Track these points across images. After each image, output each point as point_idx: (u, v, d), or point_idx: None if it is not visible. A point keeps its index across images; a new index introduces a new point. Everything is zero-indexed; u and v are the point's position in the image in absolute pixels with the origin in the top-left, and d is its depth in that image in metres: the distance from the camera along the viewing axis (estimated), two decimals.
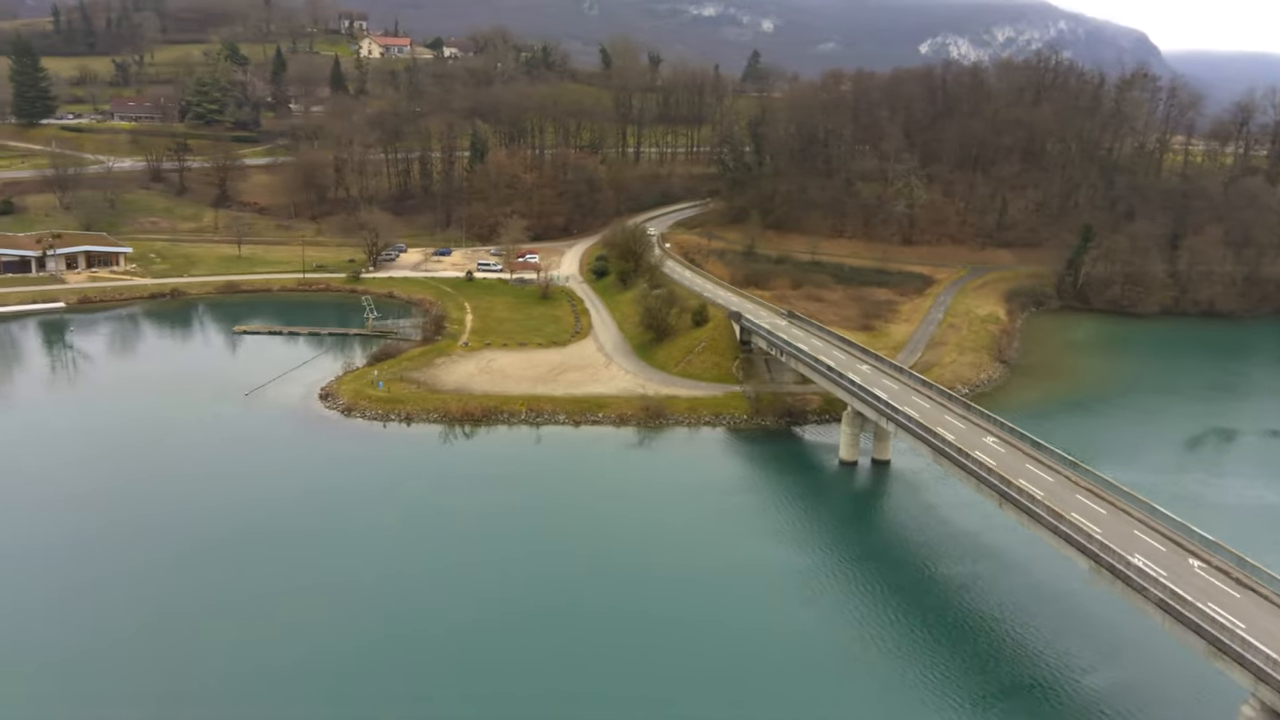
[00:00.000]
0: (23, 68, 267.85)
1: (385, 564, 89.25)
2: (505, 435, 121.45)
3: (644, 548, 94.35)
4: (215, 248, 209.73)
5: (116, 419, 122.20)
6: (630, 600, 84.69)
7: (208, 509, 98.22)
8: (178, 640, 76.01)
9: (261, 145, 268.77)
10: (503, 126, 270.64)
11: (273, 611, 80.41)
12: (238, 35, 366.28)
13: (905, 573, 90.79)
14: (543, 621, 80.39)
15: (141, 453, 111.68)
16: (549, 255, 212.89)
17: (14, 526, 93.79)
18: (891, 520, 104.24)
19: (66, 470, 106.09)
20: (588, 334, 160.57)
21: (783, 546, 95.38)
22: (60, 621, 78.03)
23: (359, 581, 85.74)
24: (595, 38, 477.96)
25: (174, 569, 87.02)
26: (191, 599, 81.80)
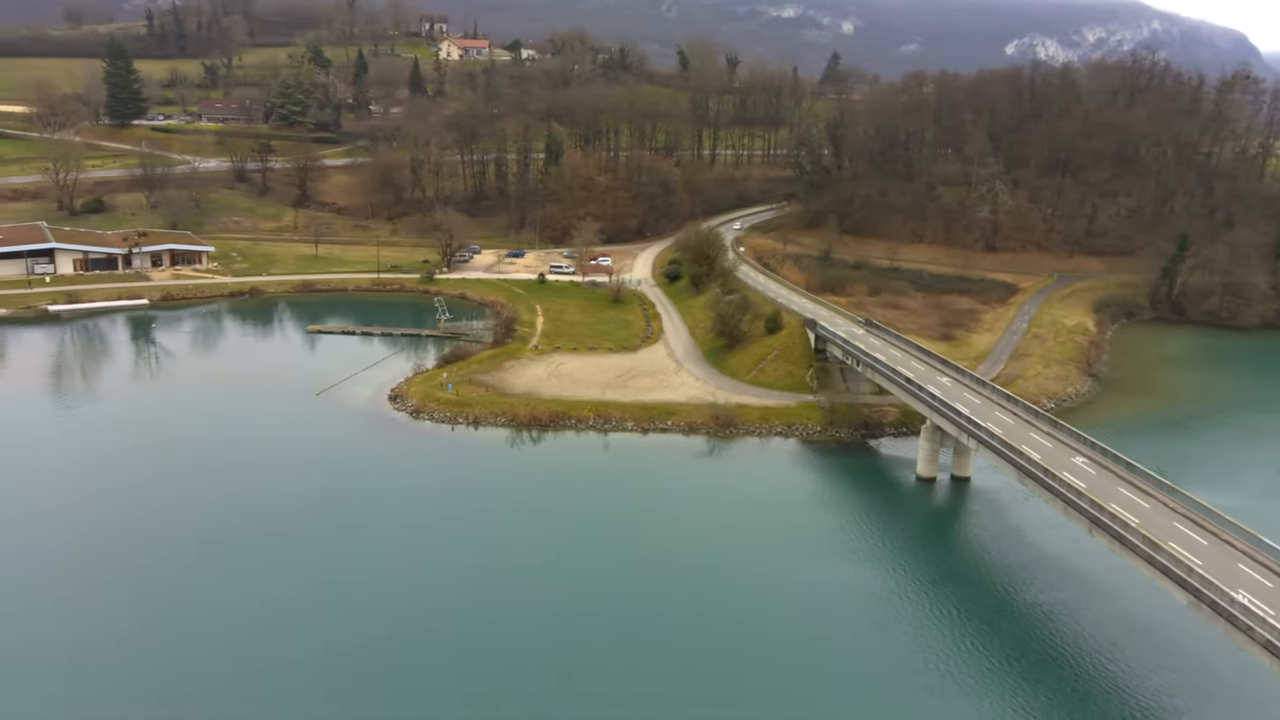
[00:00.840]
0: (116, 70, 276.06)
1: (443, 566, 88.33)
2: (572, 441, 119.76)
3: (709, 560, 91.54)
4: (294, 247, 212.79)
5: (190, 414, 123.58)
6: (692, 612, 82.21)
7: (267, 505, 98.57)
8: (234, 632, 75.84)
9: (341, 146, 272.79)
10: (578, 128, 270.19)
11: (328, 609, 79.75)
12: (322, 38, 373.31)
13: (985, 598, 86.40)
14: (601, 628, 78.64)
15: (210, 449, 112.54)
16: (621, 258, 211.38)
17: (76, 513, 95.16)
18: (971, 541, 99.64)
19: (134, 460, 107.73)
20: (658, 339, 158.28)
21: (855, 565, 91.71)
22: (119, 608, 78.50)
23: (414, 581, 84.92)
24: (673, 40, 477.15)
25: (225, 563, 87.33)
26: (243, 593, 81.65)
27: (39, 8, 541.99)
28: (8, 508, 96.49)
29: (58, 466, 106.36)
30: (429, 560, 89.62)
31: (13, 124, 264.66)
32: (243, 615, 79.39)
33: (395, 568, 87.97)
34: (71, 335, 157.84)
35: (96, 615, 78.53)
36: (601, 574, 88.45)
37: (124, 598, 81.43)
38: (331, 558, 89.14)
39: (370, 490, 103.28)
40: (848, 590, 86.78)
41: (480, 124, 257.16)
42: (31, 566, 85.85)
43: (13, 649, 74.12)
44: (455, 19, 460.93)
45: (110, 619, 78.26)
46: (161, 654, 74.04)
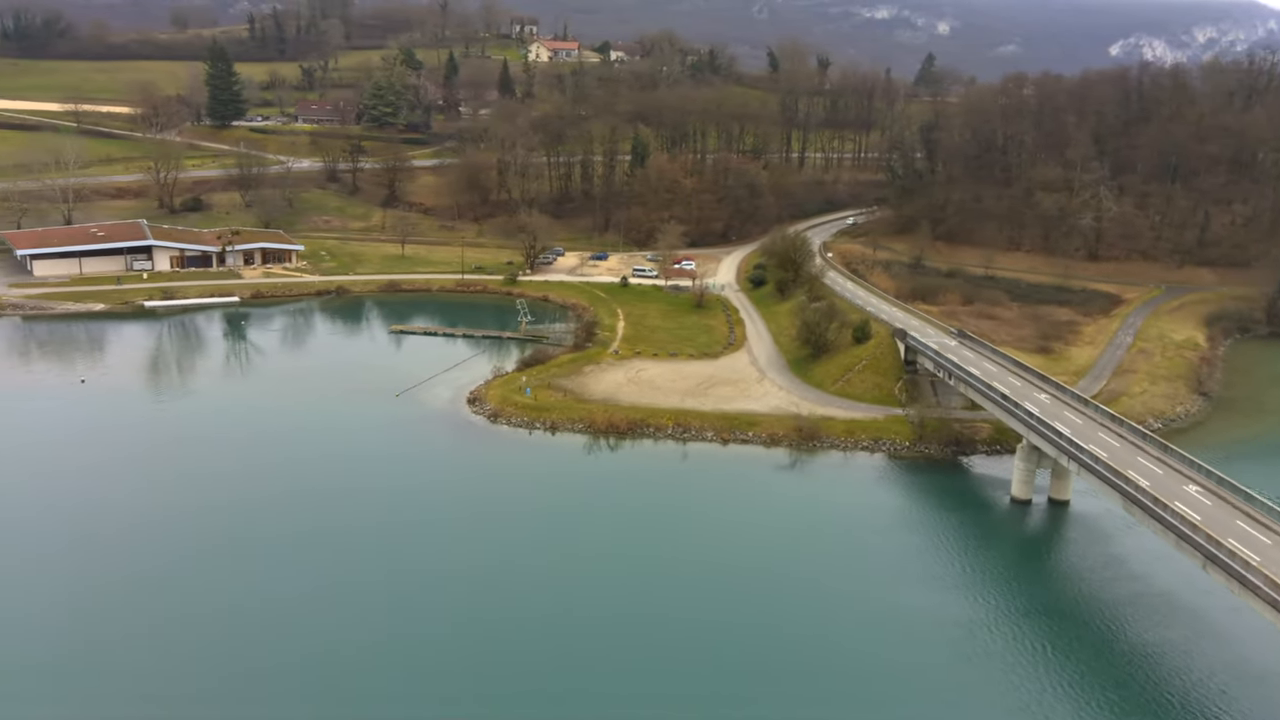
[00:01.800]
0: (218, 73, 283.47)
1: (514, 571, 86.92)
2: (650, 450, 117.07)
3: (787, 577, 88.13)
4: (381, 247, 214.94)
5: (272, 413, 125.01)
6: (769, 630, 79.19)
7: (339, 505, 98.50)
8: (298, 626, 75.29)
9: (430, 147, 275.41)
10: (665, 130, 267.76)
11: (397, 610, 78.70)
12: (415, 41, 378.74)
13: (1082, 634, 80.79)
14: (672, 641, 76.29)
15: (289, 448, 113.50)
16: (706, 262, 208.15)
17: (152, 503, 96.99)
18: (1068, 571, 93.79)
19: (214, 457, 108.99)
20: (741, 346, 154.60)
21: (941, 590, 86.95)
22: (196, 597, 78.74)
23: (485, 585, 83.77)
24: (763, 41, 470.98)
25: (293, 558, 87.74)
26: (308, 590, 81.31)
27: (149, 12, 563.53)
28: (102, 494, 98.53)
29: (143, 458, 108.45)
30: (500, 565, 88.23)
31: (120, 124, 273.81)
32: (307, 611, 79.36)
33: (466, 572, 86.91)
34: (165, 331, 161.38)
35: (171, 603, 78.96)
36: (675, 587, 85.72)
37: (196, 587, 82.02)
38: (399, 560, 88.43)
39: (443, 495, 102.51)
40: (933, 618, 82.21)
41: (567, 126, 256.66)
42: (112, 553, 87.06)
43: (112, 628, 75.33)
44: (545, 21, 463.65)
45: (190, 606, 78.96)
46: (237, 643, 74.46)
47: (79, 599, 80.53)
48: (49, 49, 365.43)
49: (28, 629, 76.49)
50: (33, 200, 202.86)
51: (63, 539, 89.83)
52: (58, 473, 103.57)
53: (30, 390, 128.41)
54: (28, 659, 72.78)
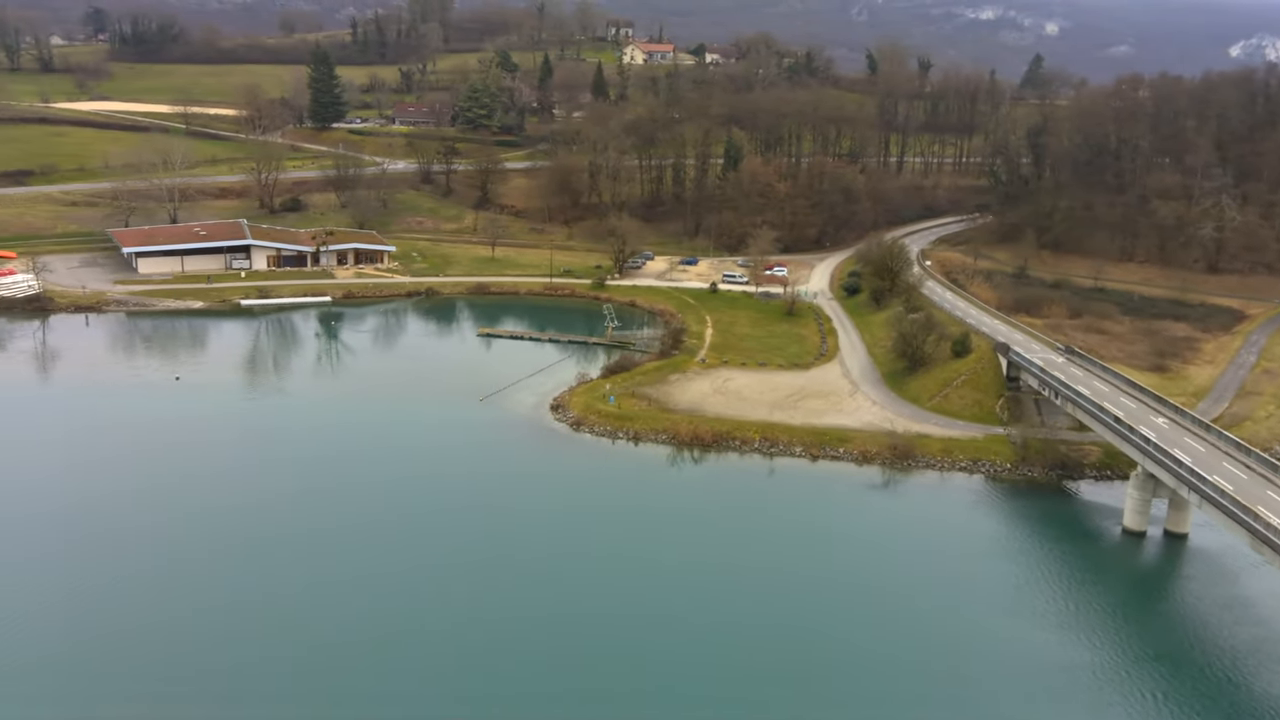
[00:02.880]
0: (320, 76, 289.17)
1: (590, 586, 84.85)
2: (735, 464, 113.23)
3: (878, 605, 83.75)
4: (471, 249, 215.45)
5: (356, 412, 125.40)
6: (858, 658, 75.45)
7: (416, 510, 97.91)
8: (377, 632, 73.86)
9: (523, 150, 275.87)
10: (759, 134, 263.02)
11: (472, 619, 76.71)
12: (511, 44, 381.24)
13: (1201, 683, 74.39)
14: (761, 669, 72.11)
15: (372, 450, 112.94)
16: (798, 269, 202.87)
17: (231, 499, 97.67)
18: (1186, 611, 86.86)
19: (296, 457, 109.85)
20: (833, 357, 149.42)
21: (1044, 628, 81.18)
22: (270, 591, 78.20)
23: (561, 596, 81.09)
24: (862, 43, 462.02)
25: (355, 560, 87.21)
26: (382, 595, 79.71)
27: (259, 17, 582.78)
28: (189, 489, 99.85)
29: (228, 455, 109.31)
30: (580, 578, 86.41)
31: (226, 126, 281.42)
32: (381, 611, 78.64)
33: (546, 582, 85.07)
34: (260, 329, 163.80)
35: (245, 592, 78.66)
36: (758, 605, 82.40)
37: (275, 580, 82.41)
38: (474, 567, 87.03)
39: (522, 503, 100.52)
40: (1035, 657, 76.78)
41: (660, 128, 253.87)
42: (191, 546, 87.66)
43: (202, 619, 75.49)
44: (641, 24, 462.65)
45: (265, 598, 78.95)
46: (315, 636, 74.20)
47: (180, 588, 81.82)
48: (163, 53, 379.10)
49: (125, 616, 77.64)
50: (141, 199, 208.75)
51: (155, 532, 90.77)
52: (149, 467, 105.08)
53: (128, 386, 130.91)
54: (136, 646, 73.56)
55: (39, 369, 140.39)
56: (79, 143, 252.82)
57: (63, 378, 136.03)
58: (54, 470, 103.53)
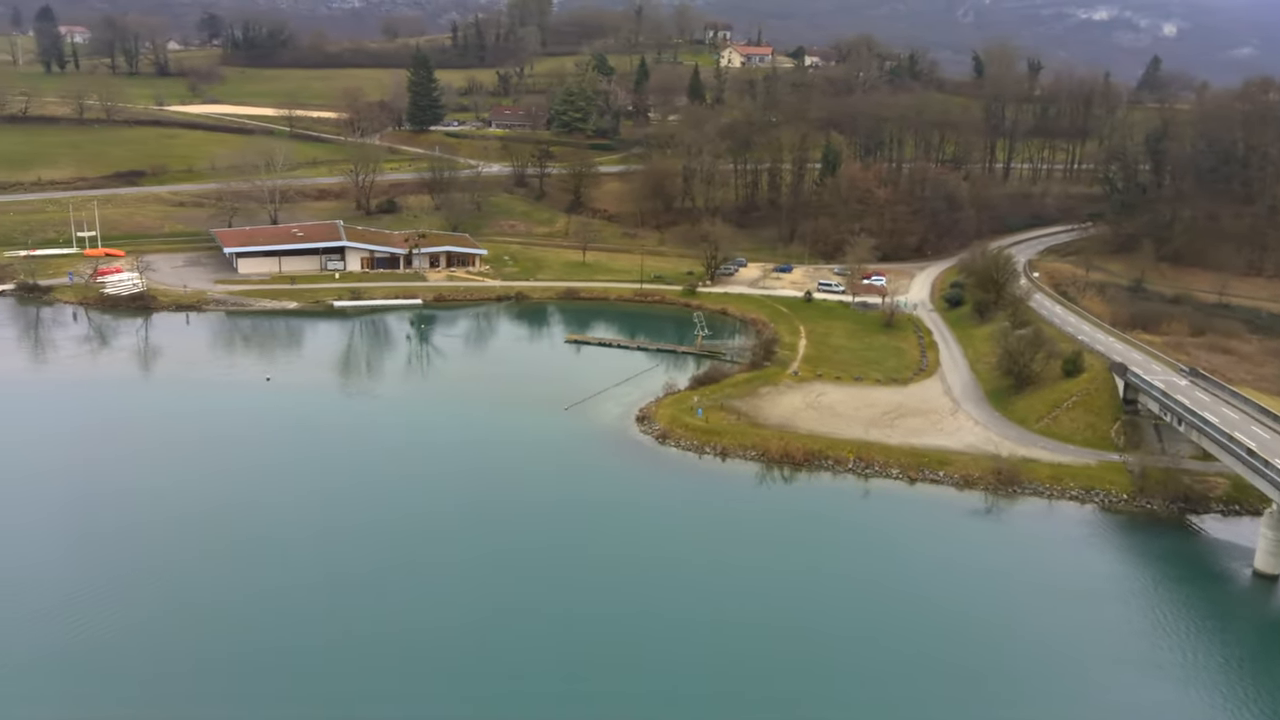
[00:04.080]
0: (419, 79, 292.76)
1: (668, 608, 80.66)
2: (827, 485, 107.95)
3: (977, 639, 78.33)
4: (563, 253, 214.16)
5: (440, 417, 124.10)
6: (952, 699, 69.71)
7: (488, 519, 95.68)
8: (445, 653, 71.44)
9: (617, 153, 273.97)
10: (859, 138, 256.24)
11: (549, 636, 73.67)
12: (609, 47, 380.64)
13: None
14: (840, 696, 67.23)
15: (449, 454, 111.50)
16: (897, 278, 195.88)
17: (309, 502, 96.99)
18: None
19: (381, 460, 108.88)
20: (934, 372, 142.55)
21: (1161, 683, 74.13)
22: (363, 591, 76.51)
23: (640, 613, 77.49)
24: (968, 45, 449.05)
25: (408, 569, 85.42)
26: (453, 608, 77.21)
27: (365, 22, 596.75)
28: (263, 486, 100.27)
29: (312, 458, 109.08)
30: (659, 599, 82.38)
31: (328, 129, 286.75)
32: (453, 626, 75.88)
33: (621, 600, 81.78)
34: (351, 331, 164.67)
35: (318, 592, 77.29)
36: (852, 639, 77.17)
37: (349, 585, 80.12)
38: (550, 581, 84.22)
39: (600, 519, 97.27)
40: (1151, 715, 69.84)
41: (756, 132, 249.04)
42: (275, 544, 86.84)
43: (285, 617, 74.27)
44: (740, 27, 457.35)
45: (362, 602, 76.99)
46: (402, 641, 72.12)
47: (257, 583, 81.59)
48: (272, 58, 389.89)
49: (202, 609, 77.30)
50: (243, 200, 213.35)
51: (230, 530, 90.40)
52: (229, 466, 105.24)
53: (220, 385, 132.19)
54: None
55: (139, 366, 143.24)
56: (189, 144, 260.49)
57: (158, 375, 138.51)
58: (140, 464, 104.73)
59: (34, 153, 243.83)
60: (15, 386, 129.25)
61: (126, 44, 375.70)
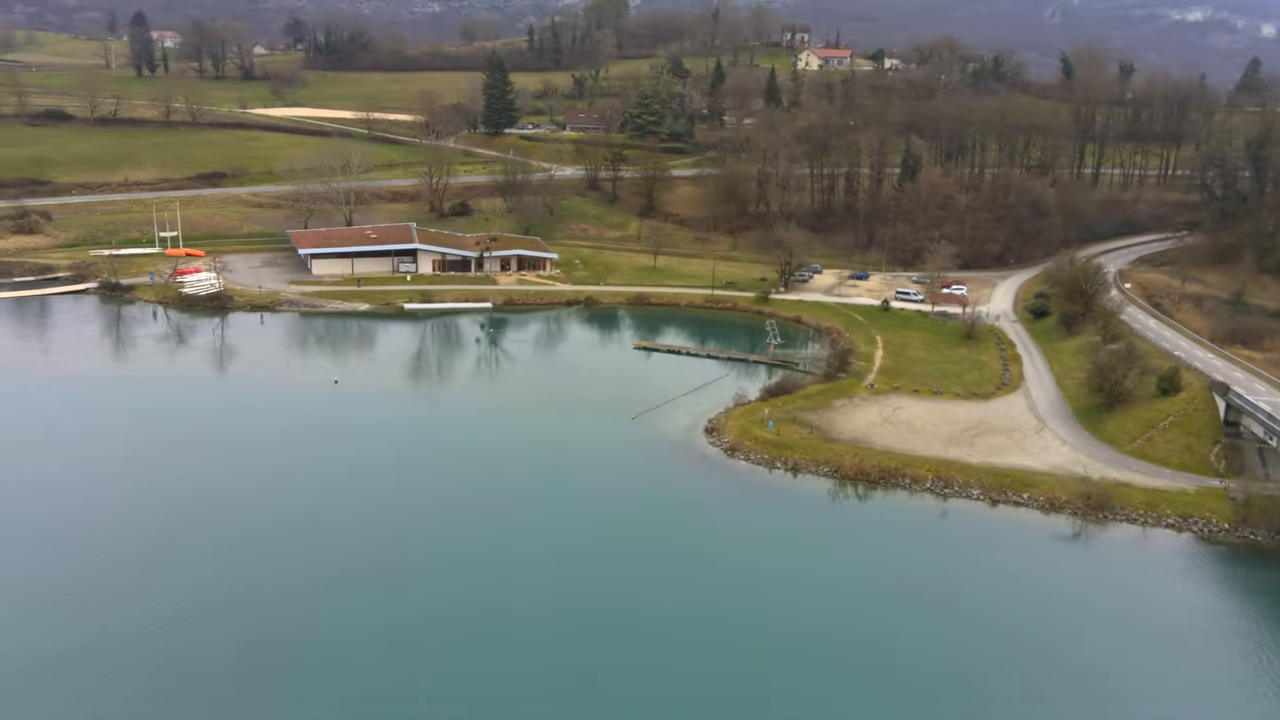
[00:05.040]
0: (494, 82, 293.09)
1: (730, 632, 77.28)
2: (903, 504, 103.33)
3: (1063, 675, 74.07)
4: (634, 257, 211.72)
5: (506, 424, 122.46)
6: None
7: (550, 530, 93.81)
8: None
9: (691, 157, 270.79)
10: (940, 143, 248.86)
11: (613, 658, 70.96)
12: (685, 50, 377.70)
13: None
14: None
15: (513, 463, 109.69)
16: (978, 287, 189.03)
17: (363, 507, 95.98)
18: None
19: (442, 464, 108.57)
20: (1017, 387, 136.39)
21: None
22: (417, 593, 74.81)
23: (694, 644, 73.88)
24: (1054, 47, 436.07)
25: (463, 579, 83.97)
26: (505, 626, 74.88)
27: (445, 25, 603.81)
28: (334, 488, 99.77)
29: (371, 464, 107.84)
30: (724, 618, 79.59)
31: (404, 131, 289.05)
32: (516, 643, 73.32)
33: (687, 621, 78.52)
34: (420, 334, 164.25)
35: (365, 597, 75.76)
36: (930, 667, 72.87)
37: (392, 592, 78.45)
38: (610, 597, 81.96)
39: (664, 533, 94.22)
40: None
41: (833, 136, 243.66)
42: (335, 544, 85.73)
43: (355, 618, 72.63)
44: (818, 29, 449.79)
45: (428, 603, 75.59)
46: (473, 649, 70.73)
47: (326, 588, 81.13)
48: (352, 61, 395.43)
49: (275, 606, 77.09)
50: (320, 201, 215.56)
51: (291, 530, 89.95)
52: (292, 468, 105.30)
53: (288, 386, 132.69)
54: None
55: (212, 366, 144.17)
56: (269, 147, 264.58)
57: (229, 376, 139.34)
58: (203, 464, 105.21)
59: (122, 154, 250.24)
60: (86, 384, 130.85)
61: (214, 48, 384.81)
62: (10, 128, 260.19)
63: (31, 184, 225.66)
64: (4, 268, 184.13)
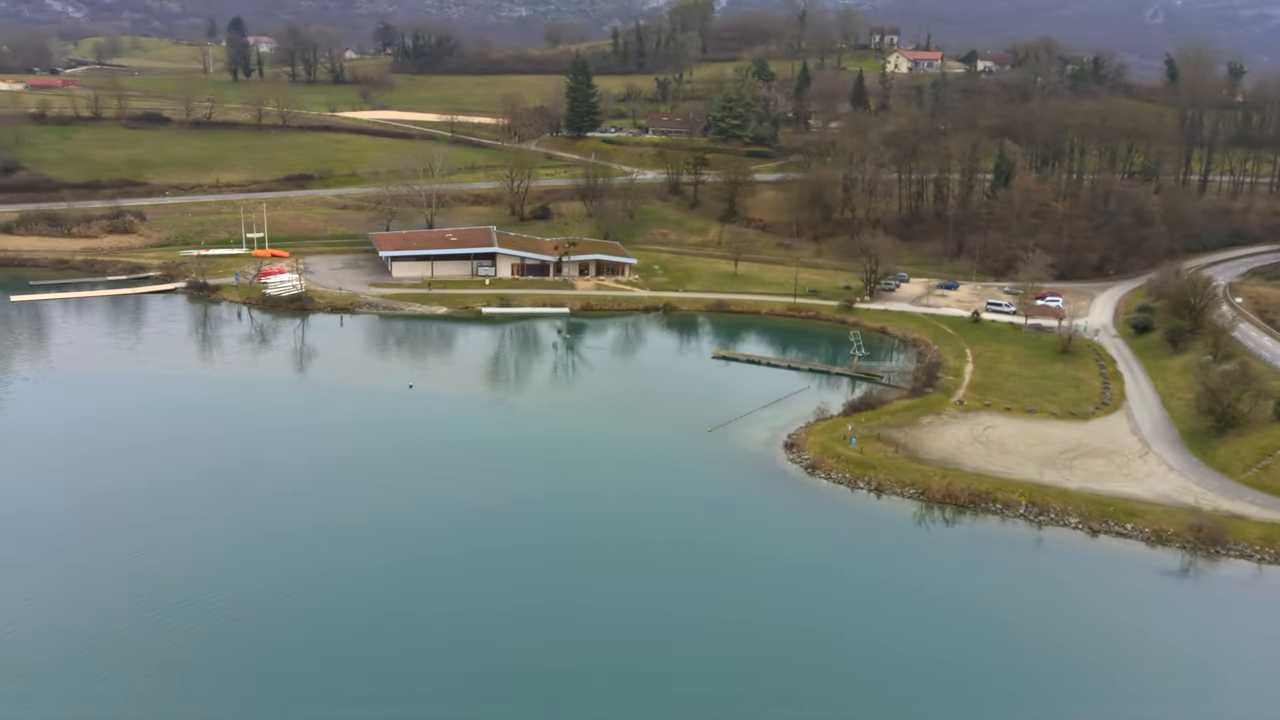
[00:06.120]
0: (577, 85, 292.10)
1: (807, 663, 72.52)
2: (994, 531, 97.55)
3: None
4: (714, 263, 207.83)
5: (579, 432, 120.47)
6: None
7: (620, 545, 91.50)
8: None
9: (774, 161, 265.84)
10: (1035, 147, 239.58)
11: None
12: (770, 53, 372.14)
13: None
14: None
15: (584, 474, 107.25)
16: (1075, 299, 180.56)
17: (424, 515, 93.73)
18: None
19: (511, 472, 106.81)
20: (1118, 407, 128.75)
21: None
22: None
23: (770, 678, 69.78)
24: (1157, 49, 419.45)
25: (527, 596, 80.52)
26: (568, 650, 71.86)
27: (531, 29, 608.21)
28: (400, 495, 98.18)
29: (438, 471, 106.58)
30: (799, 649, 75.42)
31: (487, 134, 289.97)
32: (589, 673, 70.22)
33: (761, 655, 74.16)
34: (497, 339, 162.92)
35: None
36: (1023, 713, 67.72)
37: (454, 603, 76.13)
38: (681, 619, 78.29)
39: (740, 555, 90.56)
40: None
41: (923, 140, 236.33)
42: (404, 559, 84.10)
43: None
44: (907, 31, 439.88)
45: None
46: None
47: (395, 591, 79.33)
48: (439, 65, 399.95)
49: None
50: (402, 204, 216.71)
51: (369, 541, 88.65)
52: (363, 473, 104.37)
53: (362, 391, 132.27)
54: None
55: (290, 368, 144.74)
56: (354, 149, 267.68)
57: (305, 379, 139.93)
58: (272, 469, 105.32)
59: (214, 156, 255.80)
60: (162, 383, 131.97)
61: (306, 53, 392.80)
62: (111, 130, 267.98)
63: (128, 185, 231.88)
64: (99, 266, 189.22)
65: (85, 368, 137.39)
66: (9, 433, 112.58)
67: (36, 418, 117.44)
